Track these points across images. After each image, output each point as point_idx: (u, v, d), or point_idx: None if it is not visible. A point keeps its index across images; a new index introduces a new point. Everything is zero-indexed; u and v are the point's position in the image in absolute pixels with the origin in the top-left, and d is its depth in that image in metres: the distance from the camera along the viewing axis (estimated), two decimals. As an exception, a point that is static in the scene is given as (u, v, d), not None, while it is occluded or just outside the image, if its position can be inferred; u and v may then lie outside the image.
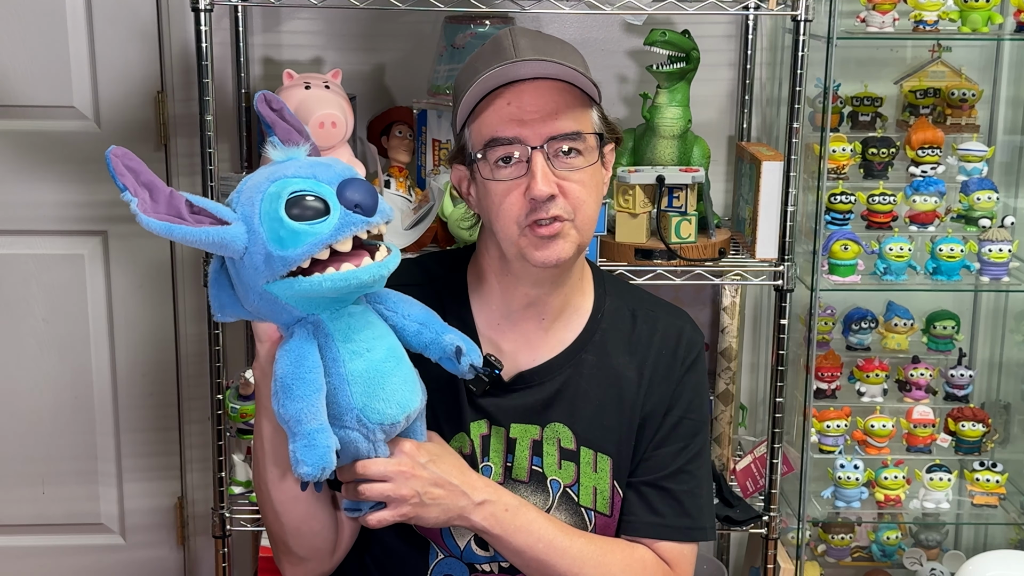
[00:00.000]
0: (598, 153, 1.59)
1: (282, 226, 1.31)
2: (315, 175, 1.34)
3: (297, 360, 1.37)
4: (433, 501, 1.51)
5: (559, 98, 1.55)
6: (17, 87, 2.53)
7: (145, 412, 2.71)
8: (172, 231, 1.29)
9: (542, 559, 1.58)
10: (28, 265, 2.62)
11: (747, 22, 2.53)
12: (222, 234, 1.31)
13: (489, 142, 1.55)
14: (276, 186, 1.33)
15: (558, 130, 1.54)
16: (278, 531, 1.58)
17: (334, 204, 1.32)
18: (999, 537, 2.67)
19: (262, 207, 1.32)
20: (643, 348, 1.69)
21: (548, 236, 1.55)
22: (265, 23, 2.54)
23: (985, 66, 2.62)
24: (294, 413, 1.36)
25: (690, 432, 1.69)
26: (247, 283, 1.36)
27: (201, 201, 1.33)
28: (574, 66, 1.54)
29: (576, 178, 1.56)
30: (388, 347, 1.45)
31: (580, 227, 1.57)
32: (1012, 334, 2.71)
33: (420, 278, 1.68)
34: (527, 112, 1.54)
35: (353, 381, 1.41)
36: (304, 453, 1.35)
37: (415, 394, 1.47)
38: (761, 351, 2.72)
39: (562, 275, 1.64)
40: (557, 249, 1.56)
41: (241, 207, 1.35)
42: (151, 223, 1.28)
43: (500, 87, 1.55)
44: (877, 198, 2.45)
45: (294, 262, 1.32)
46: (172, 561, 2.79)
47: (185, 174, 2.59)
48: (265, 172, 1.37)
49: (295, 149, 1.41)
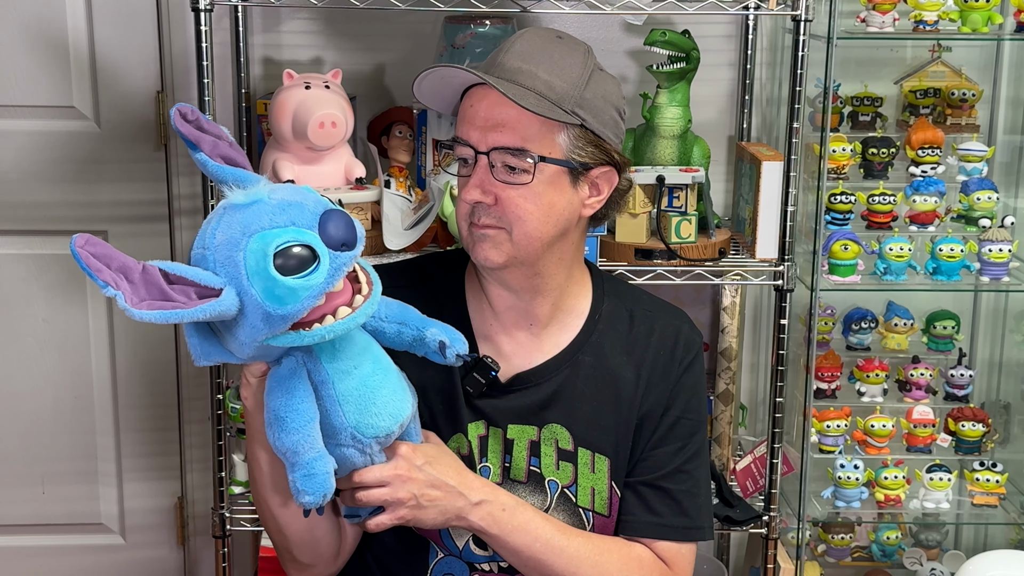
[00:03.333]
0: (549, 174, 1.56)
1: (276, 285, 1.27)
2: (293, 222, 1.29)
3: (289, 391, 1.37)
4: (430, 503, 1.52)
5: (512, 111, 1.54)
6: (17, 87, 2.53)
7: (145, 412, 2.71)
8: (168, 317, 1.24)
9: (540, 558, 1.59)
10: (28, 265, 2.62)
11: (747, 22, 2.53)
12: (217, 308, 1.27)
13: (453, 139, 1.60)
14: (257, 242, 1.28)
15: (499, 142, 1.55)
16: (282, 542, 1.59)
17: (321, 249, 1.29)
18: (999, 537, 2.67)
19: (248, 266, 1.28)
20: (640, 348, 1.69)
21: (480, 235, 1.58)
22: (265, 23, 2.54)
23: (985, 66, 2.62)
24: (291, 445, 1.36)
25: (688, 432, 1.70)
26: (243, 340, 1.33)
27: (174, 268, 1.28)
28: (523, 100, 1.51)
29: (517, 191, 1.56)
30: (373, 359, 1.44)
31: (517, 240, 1.57)
32: (1012, 334, 2.71)
33: (417, 280, 1.69)
34: (479, 118, 1.56)
35: (344, 401, 1.41)
36: (305, 483, 1.36)
37: (406, 401, 1.47)
38: (761, 351, 2.72)
39: (533, 283, 1.63)
40: (485, 251, 1.58)
41: (222, 269, 1.29)
42: (144, 315, 1.24)
43: (475, 86, 1.58)
44: (877, 198, 2.45)
45: (295, 317, 1.30)
46: (172, 561, 2.79)
47: (185, 174, 2.59)
48: (236, 223, 1.30)
49: (255, 188, 1.34)
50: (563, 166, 1.58)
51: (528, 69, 1.55)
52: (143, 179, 2.57)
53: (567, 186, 1.59)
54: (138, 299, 1.24)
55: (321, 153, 2.13)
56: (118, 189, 2.57)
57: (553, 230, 1.59)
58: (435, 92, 1.64)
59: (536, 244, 1.58)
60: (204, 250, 1.31)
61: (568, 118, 1.56)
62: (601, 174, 1.62)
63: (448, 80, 1.60)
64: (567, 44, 1.62)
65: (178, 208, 2.60)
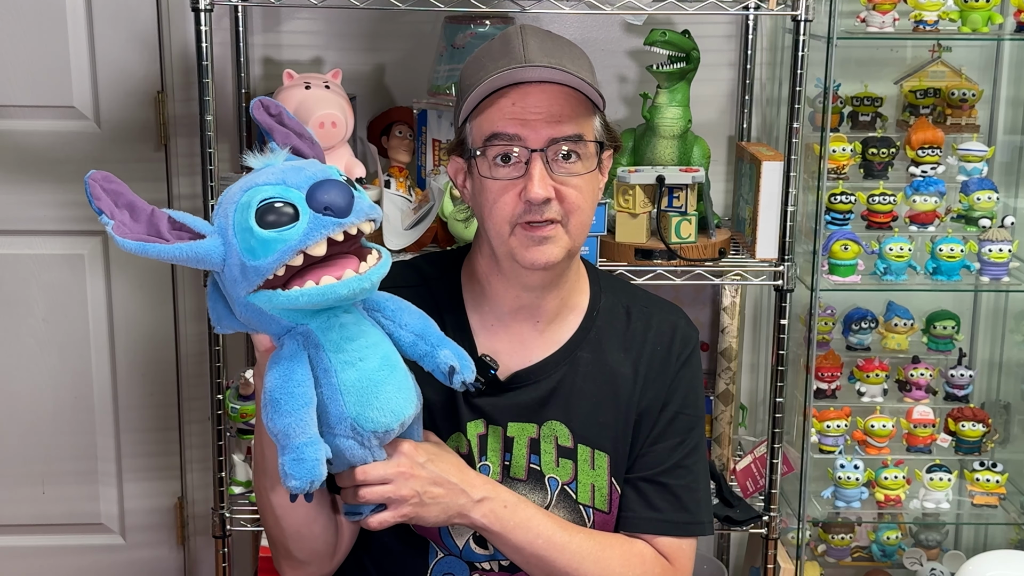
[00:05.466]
0: (597, 160, 1.60)
1: (252, 236, 1.30)
2: (284, 180, 1.32)
3: (286, 374, 1.37)
4: (433, 500, 1.52)
5: (563, 102, 1.55)
6: (17, 87, 2.53)
7: (145, 412, 2.71)
8: (147, 250, 1.28)
9: (541, 555, 1.59)
10: (28, 265, 2.62)
11: (747, 22, 2.53)
12: (195, 249, 1.30)
13: (490, 137, 1.55)
14: (247, 195, 1.32)
15: (560, 133, 1.54)
16: (278, 535, 1.58)
17: (303, 208, 1.30)
18: (999, 537, 2.67)
19: (235, 218, 1.32)
20: (638, 344, 1.70)
21: (540, 237, 1.55)
22: (265, 23, 2.54)
23: (985, 66, 2.62)
24: (283, 428, 1.36)
25: (686, 427, 1.70)
26: (231, 295, 1.36)
27: (183, 217, 1.32)
28: (580, 74, 1.54)
29: (573, 183, 1.56)
30: (383, 355, 1.44)
31: (572, 232, 1.58)
32: (1012, 334, 2.71)
33: (414, 279, 1.69)
34: (531, 113, 1.54)
35: (346, 391, 1.40)
36: (293, 467, 1.35)
37: (410, 401, 1.47)
38: (761, 351, 2.72)
39: (554, 279, 1.64)
40: (547, 251, 1.56)
41: (217, 219, 1.34)
42: (125, 243, 1.28)
43: (506, 87, 1.55)
44: (877, 198, 2.45)
45: (267, 271, 1.31)
46: (172, 561, 2.79)
47: (185, 174, 2.59)
48: (240, 182, 1.36)
49: (273, 155, 1.38)
50: (607, 150, 1.61)
51: (558, 61, 1.55)
52: (143, 179, 2.57)
53: (597, 172, 1.61)
54: (130, 232, 1.29)
55: (321, 153, 2.13)
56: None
57: (592, 218, 1.62)
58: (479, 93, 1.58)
59: (583, 235, 1.60)
60: (218, 205, 1.36)
61: (600, 102, 1.59)
62: (607, 156, 1.64)
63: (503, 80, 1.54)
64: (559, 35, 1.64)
65: (178, 208, 2.59)
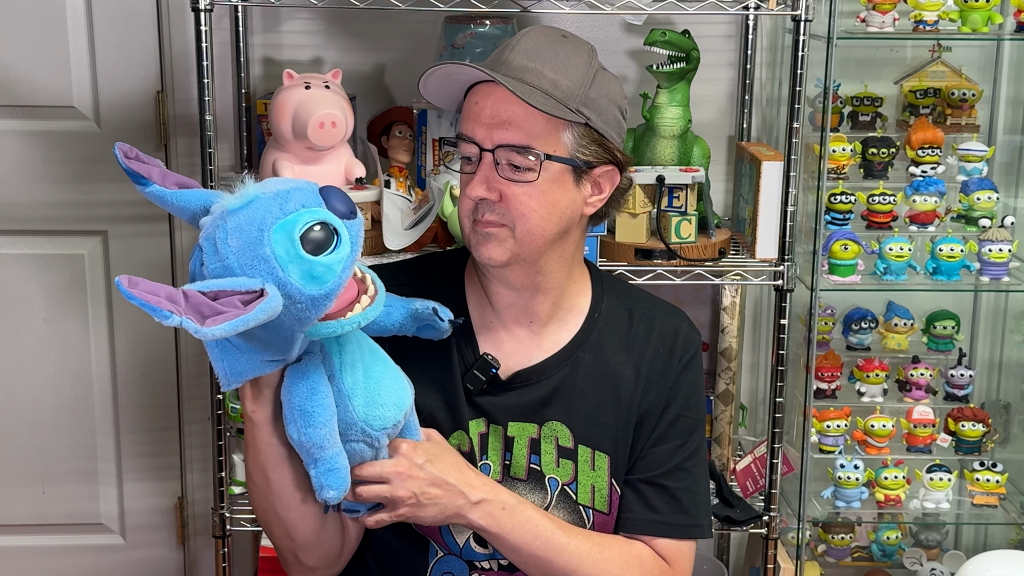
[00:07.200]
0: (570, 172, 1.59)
1: (313, 265, 1.28)
2: (303, 204, 1.30)
3: (313, 386, 1.38)
4: (430, 501, 1.52)
5: (518, 109, 1.55)
6: (17, 87, 2.53)
7: (145, 412, 2.71)
8: (236, 326, 1.21)
9: (540, 556, 1.59)
10: (28, 265, 2.62)
11: (747, 22, 2.53)
12: (270, 305, 1.24)
13: (457, 136, 1.60)
14: (279, 232, 1.28)
15: (505, 140, 1.56)
16: (288, 546, 1.58)
17: (337, 223, 1.31)
18: (999, 537, 2.67)
19: (279, 258, 1.27)
20: (640, 346, 1.70)
21: (485, 234, 1.58)
22: (265, 23, 2.54)
23: (985, 66, 2.62)
24: (317, 440, 1.37)
25: (687, 430, 1.70)
26: (288, 336, 1.33)
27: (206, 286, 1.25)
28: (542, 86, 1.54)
29: (521, 189, 1.56)
30: (370, 350, 1.46)
31: (520, 238, 1.58)
32: (1012, 334, 2.71)
33: (416, 278, 1.69)
34: (484, 116, 1.57)
35: (353, 395, 1.42)
36: (328, 478, 1.38)
37: (405, 389, 1.49)
38: (761, 351, 2.72)
39: (531, 281, 1.64)
40: (489, 249, 1.58)
41: (253, 270, 1.27)
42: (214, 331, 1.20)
43: (480, 83, 1.58)
44: (877, 198, 2.45)
45: (337, 292, 1.31)
46: (172, 561, 2.79)
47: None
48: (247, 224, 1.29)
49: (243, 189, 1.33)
50: (567, 164, 1.58)
51: (534, 67, 1.56)
52: (143, 179, 2.57)
53: (570, 184, 1.60)
54: (199, 319, 1.21)
55: (321, 153, 2.13)
56: (118, 189, 2.57)
57: (555, 228, 1.60)
58: (440, 89, 1.64)
59: (539, 242, 1.59)
60: (223, 261, 1.29)
61: (573, 116, 1.57)
62: (603, 173, 1.63)
63: (454, 77, 1.60)
64: (572, 43, 1.62)
65: (178, 208, 2.60)
